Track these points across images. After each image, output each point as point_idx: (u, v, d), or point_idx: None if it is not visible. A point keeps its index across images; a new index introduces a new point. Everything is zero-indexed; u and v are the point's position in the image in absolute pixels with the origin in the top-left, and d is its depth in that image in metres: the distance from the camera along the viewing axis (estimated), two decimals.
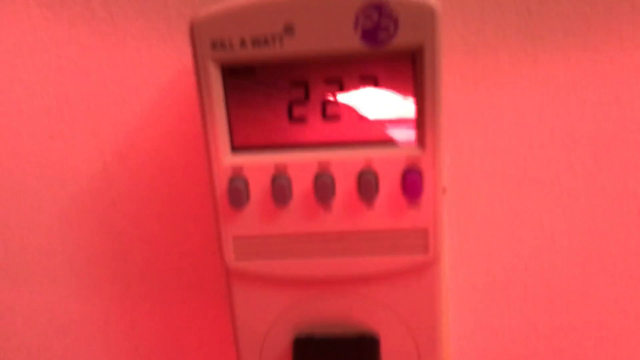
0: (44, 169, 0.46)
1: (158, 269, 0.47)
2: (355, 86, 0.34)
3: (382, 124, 0.34)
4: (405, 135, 0.34)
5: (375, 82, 0.34)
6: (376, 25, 0.32)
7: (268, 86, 0.34)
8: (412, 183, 0.34)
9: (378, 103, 0.34)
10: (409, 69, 0.33)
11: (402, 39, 0.32)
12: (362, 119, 0.35)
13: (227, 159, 0.35)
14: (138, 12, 0.42)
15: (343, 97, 0.34)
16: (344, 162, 0.34)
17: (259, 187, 0.35)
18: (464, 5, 0.40)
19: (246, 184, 0.35)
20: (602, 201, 0.44)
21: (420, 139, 0.34)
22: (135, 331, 0.49)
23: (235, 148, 0.35)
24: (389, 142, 0.35)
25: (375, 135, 0.35)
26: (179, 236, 0.46)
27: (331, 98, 0.34)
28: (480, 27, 0.41)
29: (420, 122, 0.34)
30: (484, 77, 0.42)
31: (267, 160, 0.35)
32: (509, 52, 0.41)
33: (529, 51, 0.41)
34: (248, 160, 0.35)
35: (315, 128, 0.35)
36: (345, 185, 0.35)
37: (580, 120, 0.42)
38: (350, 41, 0.32)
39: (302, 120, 0.35)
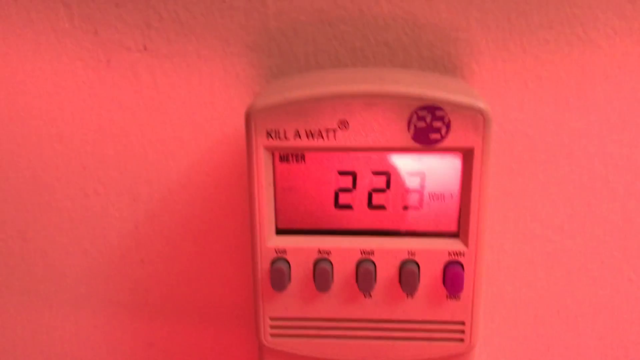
0: (76, 224, 0.46)
1: (182, 331, 0.47)
2: (403, 180, 0.34)
3: (427, 216, 0.35)
4: (449, 229, 0.35)
5: (423, 177, 0.34)
6: (429, 127, 0.32)
7: (317, 174, 0.35)
8: (454, 277, 0.34)
9: (424, 196, 0.35)
10: (457, 167, 0.34)
11: (454, 140, 0.33)
12: (407, 210, 0.35)
13: (271, 241, 0.35)
14: (182, 79, 0.43)
15: (390, 190, 0.35)
16: (387, 251, 0.35)
17: (300, 270, 0.35)
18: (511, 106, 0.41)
19: (289, 266, 0.35)
20: (629, 293, 0.44)
21: (464, 234, 0.35)
22: None
23: (280, 230, 0.36)
24: (433, 234, 0.35)
25: (419, 226, 0.35)
26: (206, 300, 0.46)
27: (378, 189, 0.35)
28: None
29: (465, 218, 0.34)
30: (519, 166, 0.43)
31: (311, 244, 0.35)
32: (545, 144, 0.42)
33: (567, 144, 0.42)
34: (292, 243, 0.35)
35: (361, 216, 0.35)
36: (387, 274, 0.35)
37: (611, 211, 0.43)
38: (402, 139, 0.33)
39: (347, 207, 0.35)
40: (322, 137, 0.33)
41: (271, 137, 0.33)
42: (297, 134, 0.33)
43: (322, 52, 0.41)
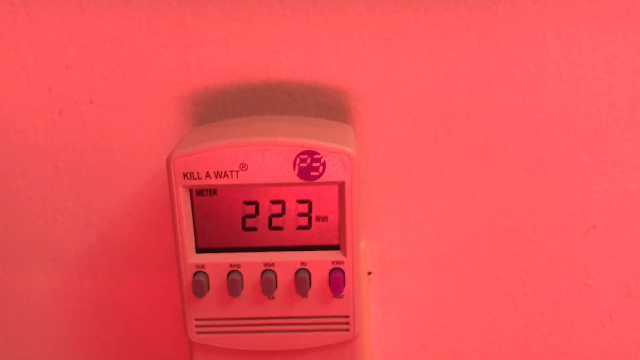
0: (36, 247, 0.55)
1: (127, 333, 0.57)
2: (294, 206, 0.44)
3: (315, 233, 0.45)
4: (332, 242, 0.45)
5: (309, 204, 0.44)
6: (309, 166, 0.42)
7: (227, 204, 0.44)
8: (336, 281, 0.44)
9: (312, 218, 0.44)
10: (335, 196, 0.44)
11: (329, 176, 0.42)
12: (299, 230, 0.45)
13: (192, 258, 0.45)
14: (124, 126, 0.52)
15: (285, 214, 0.44)
16: (285, 262, 0.45)
17: (217, 280, 0.45)
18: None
19: (207, 277, 0.45)
20: (498, 284, 0.55)
21: (343, 247, 0.44)
22: None
23: (199, 249, 0.45)
24: (320, 247, 0.45)
25: (309, 241, 0.45)
26: (149, 308, 0.56)
27: (276, 214, 0.44)
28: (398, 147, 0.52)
29: (342, 234, 0.44)
30: (402, 187, 0.52)
31: (224, 259, 0.45)
32: (420, 169, 0.52)
33: (438, 169, 0.52)
34: (209, 259, 0.45)
35: (263, 236, 0.45)
36: (285, 280, 0.45)
37: (477, 221, 0.53)
38: (289, 176, 0.42)
39: (253, 229, 0.45)
40: (228, 176, 0.42)
41: (187, 177, 0.42)
42: (208, 175, 0.42)
43: (237, 101, 0.51)
